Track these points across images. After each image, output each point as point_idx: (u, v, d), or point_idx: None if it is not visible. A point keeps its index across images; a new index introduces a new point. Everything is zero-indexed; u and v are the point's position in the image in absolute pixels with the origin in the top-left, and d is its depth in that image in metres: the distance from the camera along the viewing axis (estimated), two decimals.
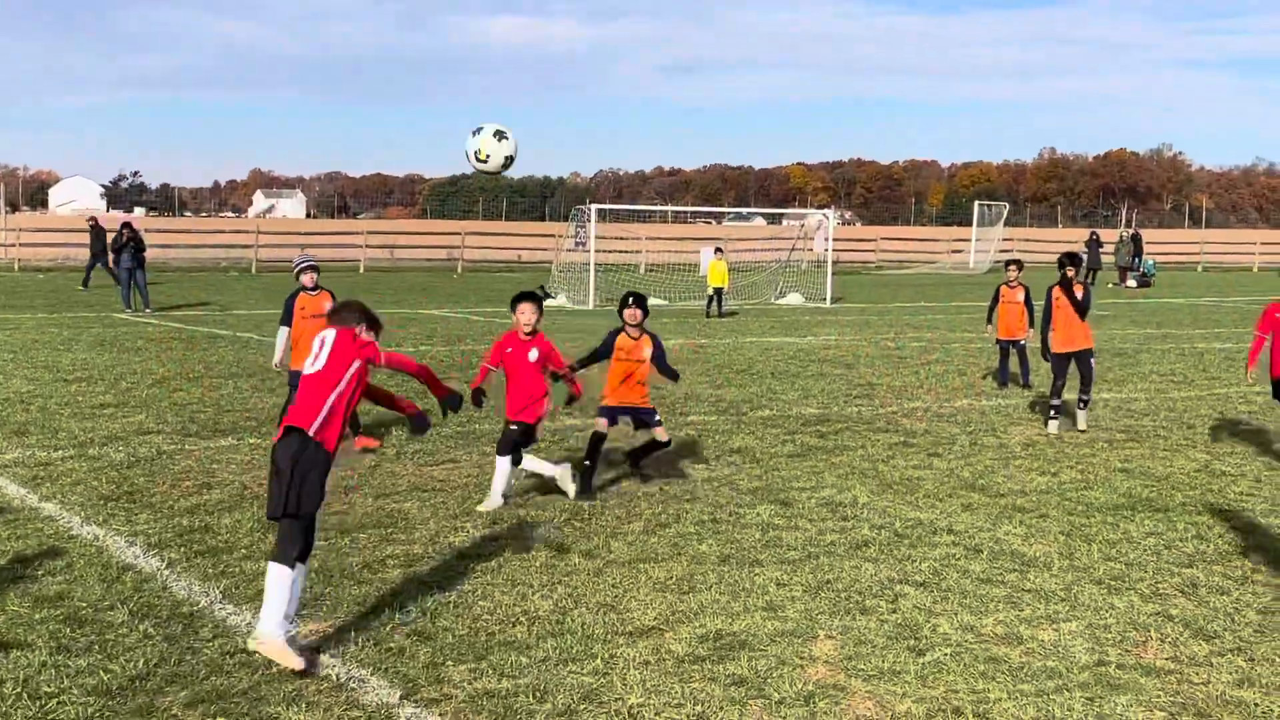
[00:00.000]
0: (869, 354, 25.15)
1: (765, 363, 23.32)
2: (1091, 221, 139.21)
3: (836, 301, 41.27)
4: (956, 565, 9.90)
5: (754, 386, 19.97)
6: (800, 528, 11.01)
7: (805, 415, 17.09)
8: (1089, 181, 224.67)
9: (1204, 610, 8.88)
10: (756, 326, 31.79)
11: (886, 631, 8.32)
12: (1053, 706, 7.07)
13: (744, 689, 7.27)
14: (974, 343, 27.30)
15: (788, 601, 8.93)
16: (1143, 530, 11.12)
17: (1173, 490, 12.73)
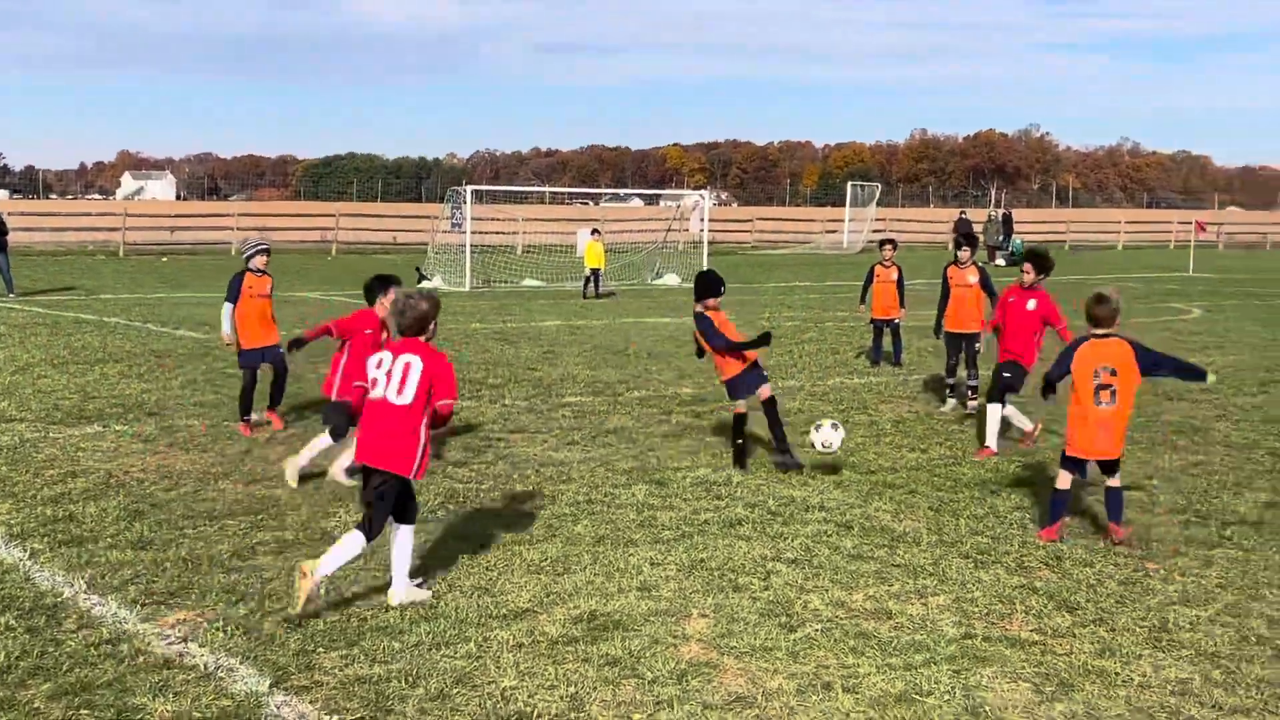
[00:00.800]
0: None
1: (642, 343, 23.37)
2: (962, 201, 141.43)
3: None
4: (828, 542, 10.02)
5: (630, 367, 20.01)
6: (675, 507, 11.07)
7: (681, 395, 17.16)
8: (959, 162, 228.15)
9: (1067, 582, 9.08)
10: (633, 307, 31.85)
11: (759, 608, 8.40)
12: (920, 679, 7.19)
13: (617, 669, 7.29)
14: (847, 322, 27.61)
15: (662, 581, 8.97)
16: (1009, 505, 11.34)
17: (1038, 465, 12.99)
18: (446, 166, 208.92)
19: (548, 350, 22.09)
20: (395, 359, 8.33)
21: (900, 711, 6.75)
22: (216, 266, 44.61)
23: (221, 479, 11.86)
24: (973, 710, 6.79)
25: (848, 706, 6.81)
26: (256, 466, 12.43)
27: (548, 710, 6.71)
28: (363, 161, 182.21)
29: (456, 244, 41.40)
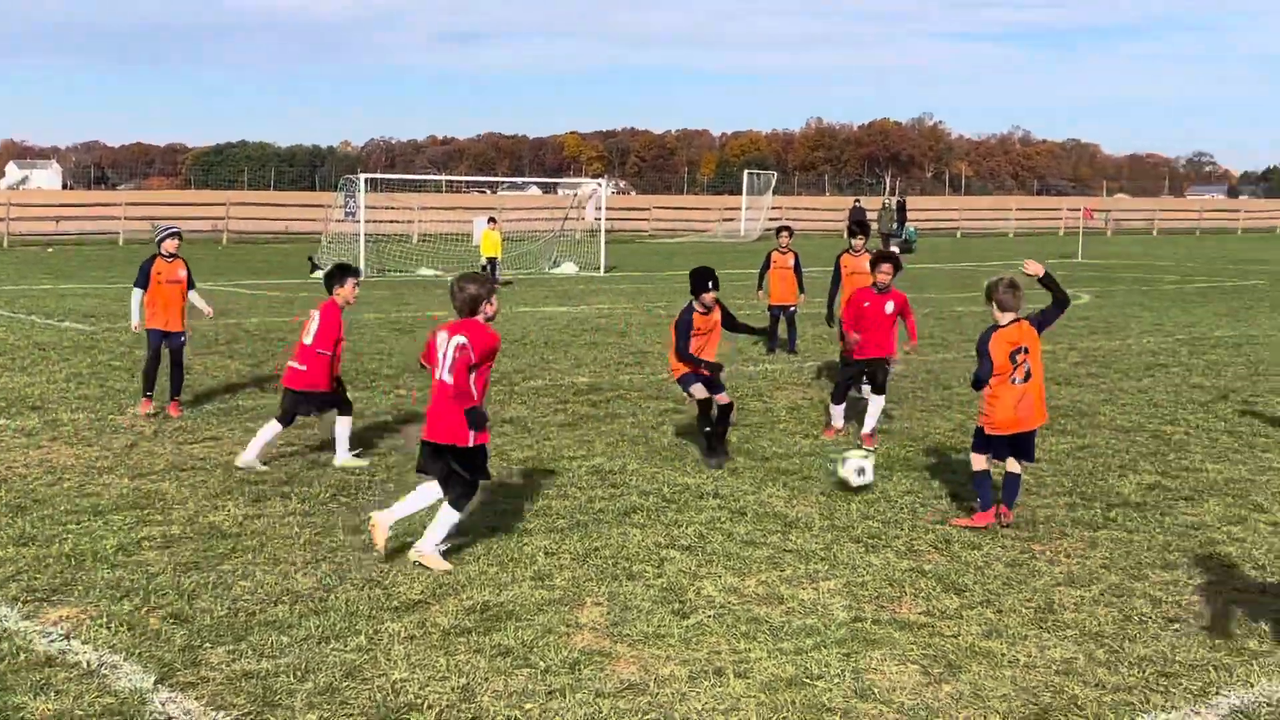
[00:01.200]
0: (642, 322, 25.38)
1: (539, 332, 23.33)
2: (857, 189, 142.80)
3: (610, 270, 41.50)
4: (721, 528, 10.08)
5: (527, 356, 19.96)
6: (570, 496, 11.06)
7: (577, 384, 17.16)
8: (855, 150, 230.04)
9: (956, 565, 9.21)
10: (530, 296, 31.77)
11: (652, 596, 8.43)
12: (811, 663, 7.26)
13: (510, 659, 7.28)
14: (744, 309, 27.71)
15: (555, 570, 8.97)
16: (900, 489, 11.46)
17: (930, 450, 13.16)
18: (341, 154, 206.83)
19: None
20: (448, 340, 9.20)
21: (790, 695, 6.81)
22: (103, 257, 43.83)
23: (106, 473, 11.65)
24: (861, 693, 6.87)
25: (739, 691, 6.86)
26: (142, 460, 12.22)
27: (439, 701, 6.68)
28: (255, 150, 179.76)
29: (350, 233, 41.04)
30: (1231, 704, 6.78)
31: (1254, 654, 7.50)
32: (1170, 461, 12.68)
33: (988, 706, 6.72)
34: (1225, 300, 31.70)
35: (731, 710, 6.62)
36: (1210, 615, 8.16)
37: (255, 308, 27.80)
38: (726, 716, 6.55)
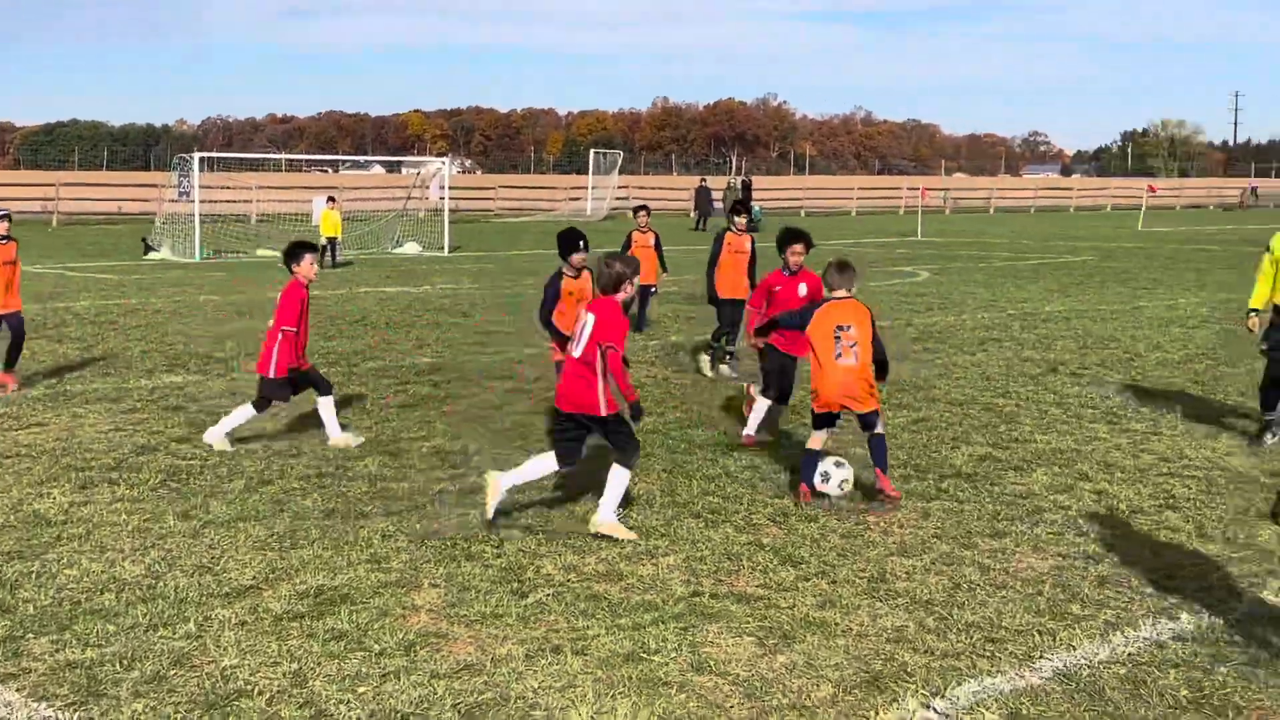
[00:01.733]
0: (486, 302, 25.28)
1: (380, 313, 23.11)
2: (704, 169, 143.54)
3: (455, 250, 41.26)
4: (564, 507, 10.08)
5: (367, 338, 19.76)
6: (410, 478, 10.98)
7: (419, 365, 17.03)
8: (700, 130, 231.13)
9: (793, 538, 9.34)
10: (372, 277, 31.45)
11: (491, 576, 8.40)
12: (648, 638, 7.30)
13: (344, 643, 7.20)
14: None
15: (393, 552, 8.89)
16: (740, 465, 11.58)
17: (769, 425, 13.29)
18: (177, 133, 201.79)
19: None
20: (585, 315, 9.68)
21: (627, 671, 6.85)
22: None
23: None
24: (697, 666, 6.93)
25: (576, 668, 6.88)
26: None
27: (269, 687, 6.59)
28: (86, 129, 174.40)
29: (185, 213, 40.16)
30: (1055, 666, 6.98)
31: (1076, 618, 7.73)
32: (1001, 433, 12.99)
33: (821, 675, 6.83)
34: (1056, 276, 32.56)
35: (568, 687, 6.64)
36: (1036, 581, 8.39)
37: (86, 290, 27.11)
38: (563, 693, 6.56)
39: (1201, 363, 17.76)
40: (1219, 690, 6.67)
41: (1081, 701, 6.53)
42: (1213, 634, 7.45)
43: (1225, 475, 11.31)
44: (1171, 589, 8.26)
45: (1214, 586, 8.32)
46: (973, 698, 6.57)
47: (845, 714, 6.37)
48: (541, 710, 6.37)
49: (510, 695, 6.54)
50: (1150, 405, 14.50)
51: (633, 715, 6.31)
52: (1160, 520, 9.87)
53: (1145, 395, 15.13)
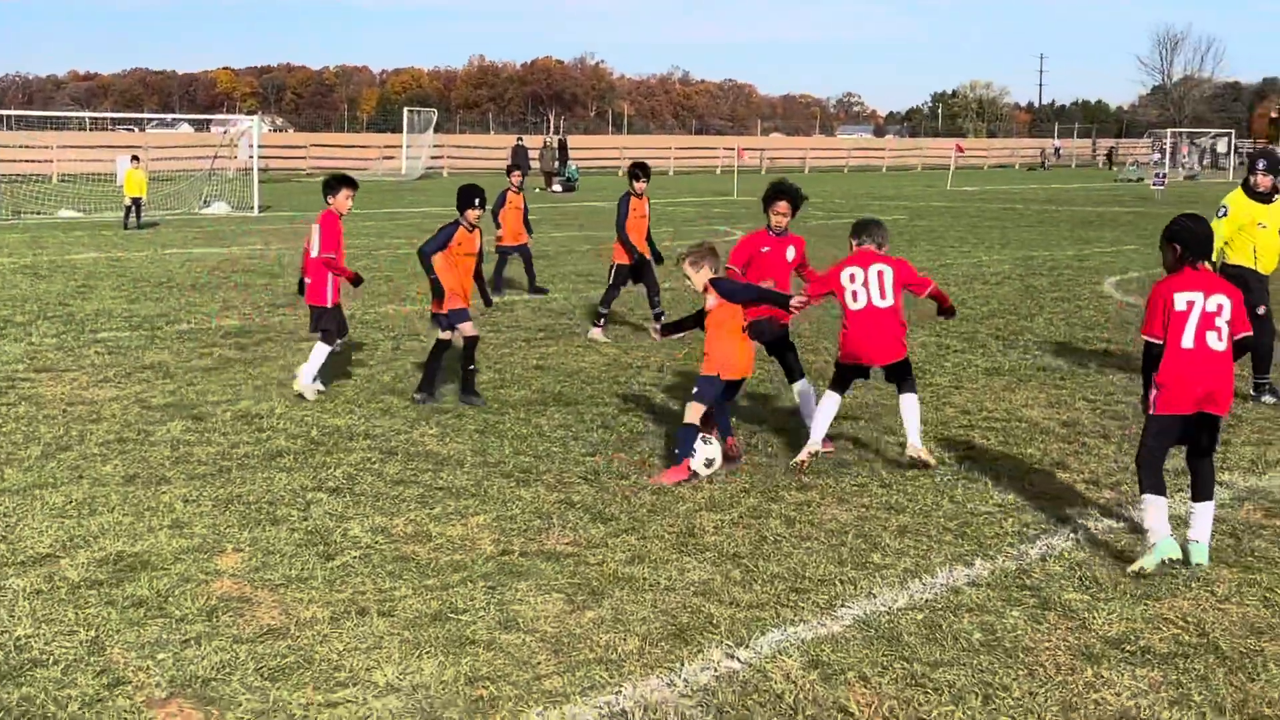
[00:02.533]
0: (295, 263, 24.78)
1: (186, 275, 22.57)
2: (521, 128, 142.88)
3: (265, 210, 40.44)
4: (371, 469, 10.00)
5: (172, 300, 19.29)
6: (213, 442, 10.77)
7: (225, 328, 16.68)
8: (518, 89, 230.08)
9: (603, 496, 9.40)
10: (178, 238, 30.67)
11: (296, 540, 8.30)
12: (456, 598, 7.30)
13: (143, 610, 7.05)
14: (401, 249, 27.49)
15: (195, 517, 8.73)
16: (553, 423, 11.61)
17: (583, 384, 13.36)
18: None
19: (82, 284, 21.01)
20: (866, 269, 10.15)
21: (435, 631, 6.84)
22: None
23: None
24: (505, 624, 6.95)
25: (382, 630, 6.84)
26: None
27: (65, 656, 6.43)
28: None
29: None
30: (855, 614, 7.16)
31: (877, 567, 7.94)
32: None
33: (628, 629, 6.90)
34: None
35: (374, 648, 6.61)
36: (839, 532, 8.58)
37: None
38: (368, 654, 6.53)
39: (1004, 317, 18.29)
40: (1010, 633, 6.92)
41: (880, 647, 6.71)
42: (1006, 580, 7.72)
43: (1022, 426, 11.69)
44: (968, 537, 8.52)
45: (1008, 534, 8.61)
46: (775, 646, 6.70)
47: (651, 666, 6.45)
48: (346, 671, 6.33)
49: (315, 658, 6.48)
50: (953, 360, 14.90)
51: (439, 674, 6.31)
52: (960, 471, 10.17)
53: (948, 350, 15.53)
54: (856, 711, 5.98)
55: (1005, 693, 6.19)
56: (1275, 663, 6.55)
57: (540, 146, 61.09)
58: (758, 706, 6.03)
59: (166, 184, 43.51)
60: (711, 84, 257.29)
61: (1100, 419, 12.00)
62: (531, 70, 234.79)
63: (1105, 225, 37.21)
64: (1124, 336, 16.51)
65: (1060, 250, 29.14)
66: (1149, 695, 6.20)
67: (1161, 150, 79.53)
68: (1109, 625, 7.03)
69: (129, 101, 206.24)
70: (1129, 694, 6.21)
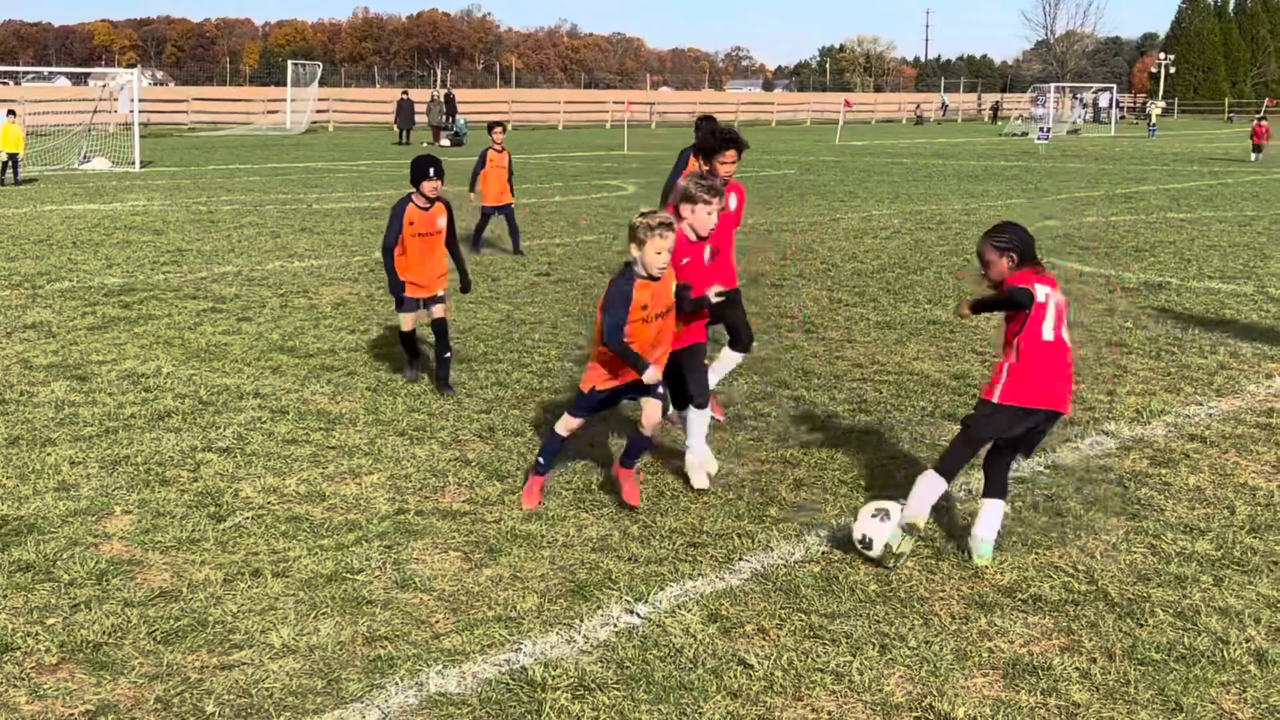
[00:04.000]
0: (179, 219, 24.38)
1: (66, 232, 22.04)
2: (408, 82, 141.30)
3: (146, 165, 39.63)
4: (262, 429, 9.86)
5: (53, 258, 18.84)
6: (99, 402, 10.56)
7: (108, 285, 16.34)
8: (404, 41, 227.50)
9: (499, 453, 9.36)
10: (57, 194, 29.94)
11: (187, 501, 8.17)
12: (351, 558, 7.23)
13: (30, 574, 6.90)
14: (289, 205, 27.11)
15: (82, 480, 8.56)
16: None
17: (477, 341, 13.27)
18: None
19: None
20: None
21: (330, 591, 6.77)
22: None
23: None
24: (402, 583, 6.90)
25: (276, 590, 6.76)
26: None
27: None
28: None
29: None
30: (753, 567, 7.21)
31: (774, 520, 7.99)
32: None
33: (526, 587, 6.89)
34: (759, 190, 33.25)
35: (269, 610, 6.53)
36: (736, 487, 8.63)
37: None
38: (263, 616, 6.45)
39: (894, 271, 18.47)
40: (905, 583, 7.01)
41: (778, 600, 6.76)
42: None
43: (914, 379, 11.83)
44: (862, 489, 8.61)
45: (901, 484, 8.70)
46: (674, 600, 6.73)
47: (550, 623, 6.45)
48: (241, 633, 6.25)
49: (209, 620, 6.39)
50: (845, 313, 15.02)
51: (335, 635, 6.25)
52: (854, 424, 10.26)
53: (840, 304, 15.66)
54: (755, 664, 6.02)
55: (901, 642, 6.28)
56: (1162, 608, 6.71)
57: (428, 101, 60.44)
58: (657, 661, 6.05)
59: (44, 139, 42.47)
60: (600, 37, 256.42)
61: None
62: (417, 22, 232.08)
63: (991, 179, 37.70)
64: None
65: (948, 205, 29.48)
66: (1041, 642, 6.32)
67: (1044, 104, 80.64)
68: (1000, 574, 7.15)
69: (3, 54, 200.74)
70: (1021, 641, 6.32)
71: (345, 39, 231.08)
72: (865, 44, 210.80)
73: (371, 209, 26.02)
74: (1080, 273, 18.31)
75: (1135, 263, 19.55)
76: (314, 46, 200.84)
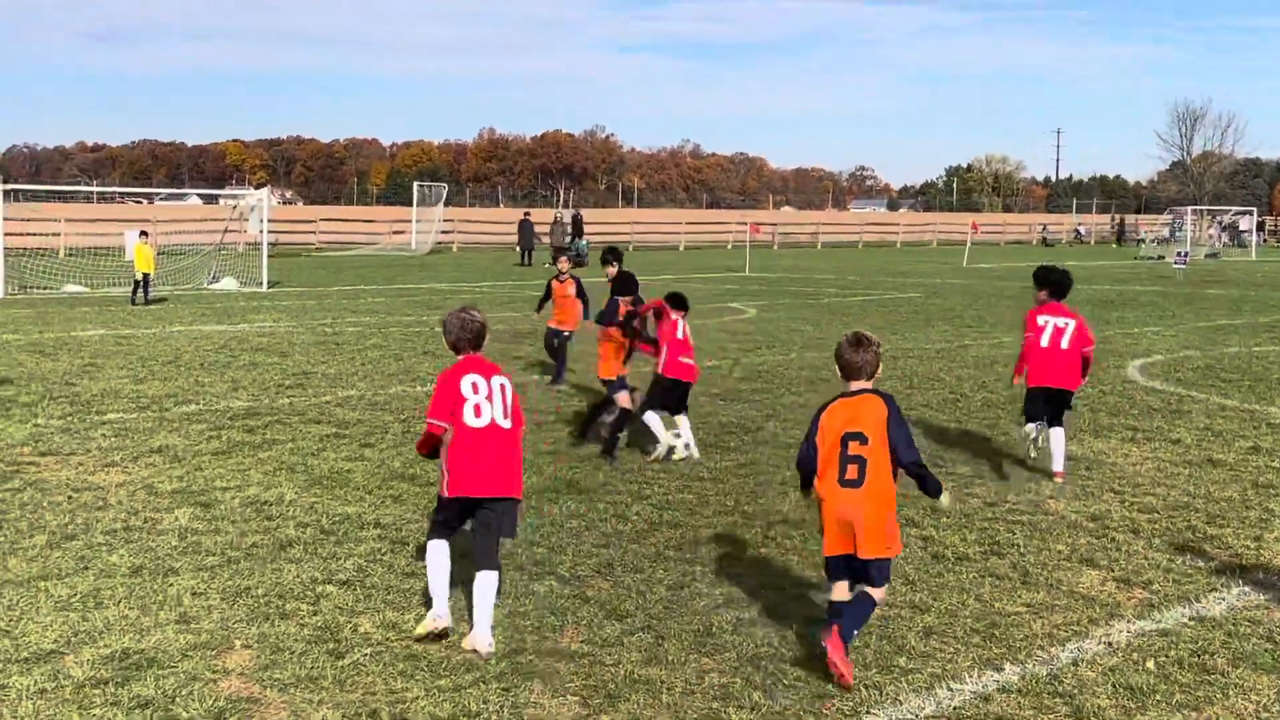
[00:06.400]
0: (305, 341, 24.86)
1: (194, 353, 22.57)
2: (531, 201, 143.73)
3: (273, 286, 40.57)
4: (382, 560, 9.92)
5: (180, 379, 19.28)
6: (222, 531, 10.71)
7: (234, 409, 16.65)
8: (527, 162, 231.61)
9: (618, 590, 9.30)
10: (186, 314, 30.74)
11: (306, 636, 8.22)
12: (469, 700, 7.20)
13: (149, 711, 6.97)
14: (413, 326, 27.54)
15: (203, 612, 8.65)
16: (565, 512, 11.53)
17: (595, 470, 13.28)
18: None
19: (89, 363, 21.02)
20: (488, 381, 8.31)
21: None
22: None
23: None
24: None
25: None
26: None
27: None
28: None
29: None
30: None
31: (903, 671, 7.82)
32: None
33: None
34: (883, 313, 33.20)
35: None
36: (863, 633, 8.47)
37: None
38: None
39: None
40: None
41: None
42: (1037, 686, 7.60)
43: (1048, 519, 11.59)
44: (996, 639, 8.41)
45: (1037, 636, 8.50)
46: None
47: None
48: None
49: None
50: (975, 448, 14.81)
51: None
52: (986, 567, 10.06)
53: (970, 438, 15.46)
54: None
55: None
56: None
57: (551, 221, 61.29)
58: None
59: (175, 258, 43.72)
60: (722, 157, 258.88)
61: (1129, 511, 11.89)
62: (541, 143, 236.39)
63: (1126, 305, 37.19)
64: (1149, 424, 16.43)
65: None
66: None
67: (1179, 226, 79.60)
68: None
69: (137, 173, 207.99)
70: None
71: (470, 159, 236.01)
72: (994, 163, 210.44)
73: (494, 331, 26.29)
74: (1222, 407, 17.91)
75: None
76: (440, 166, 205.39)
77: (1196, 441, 15.28)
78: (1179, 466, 13.88)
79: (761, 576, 9.70)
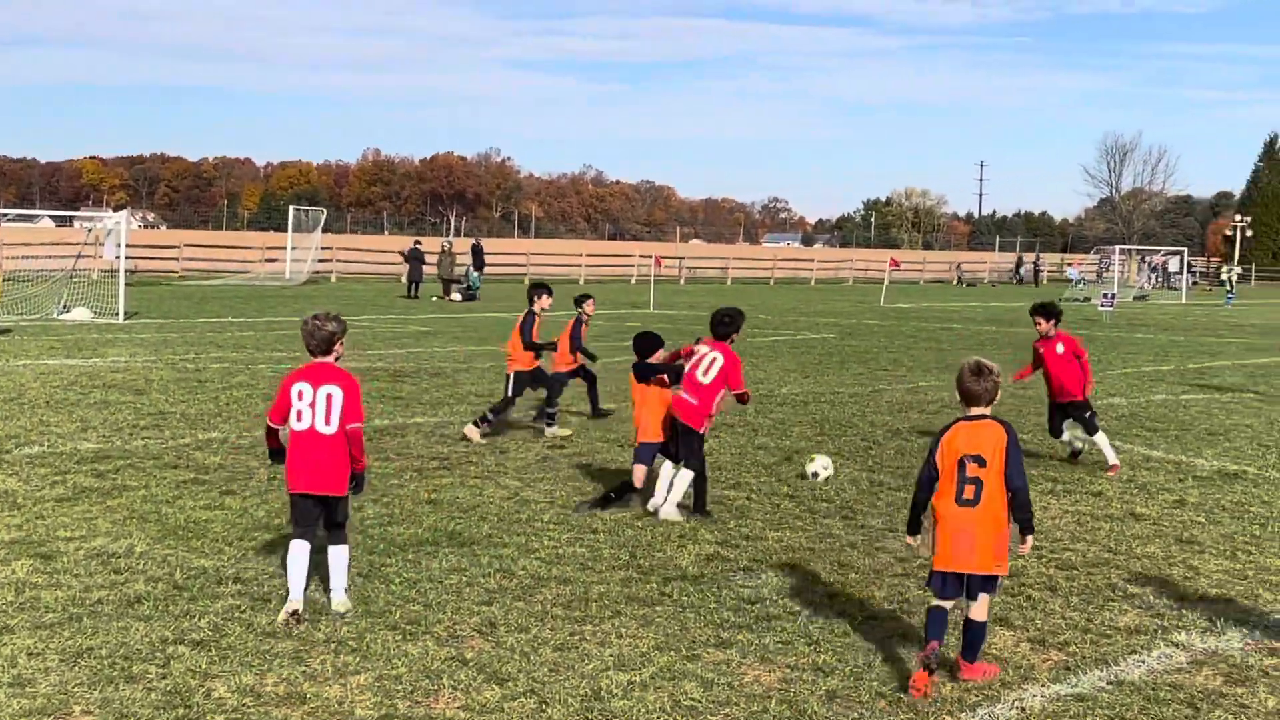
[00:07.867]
0: (163, 378, 24.55)
1: (39, 390, 22.21)
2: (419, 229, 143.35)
3: (131, 317, 40.03)
4: (240, 619, 9.81)
5: (23, 419, 18.96)
6: (63, 585, 10.54)
7: (82, 451, 16.41)
8: (415, 186, 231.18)
9: (500, 651, 9.28)
10: (33, 347, 30.24)
11: (154, 701, 8.11)
12: None
13: None
14: (284, 363, 27.31)
15: (40, 674, 8.51)
16: (445, 566, 11.48)
17: (480, 521, 13.24)
18: None
19: None
20: (315, 389, 9.92)
21: None
22: None
23: None
24: None
25: None
26: None
27: None
28: None
29: None
30: None
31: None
32: (731, 529, 13.22)
33: None
34: (795, 355, 33.46)
35: None
36: (762, 698, 8.51)
37: None
38: None
39: None
40: None
41: None
42: None
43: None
44: (903, 704, 8.49)
45: (947, 701, 8.59)
46: None
47: None
48: None
49: None
50: (887, 498, 14.97)
51: None
52: (894, 627, 10.15)
53: (882, 488, 15.61)
54: None
55: None
56: None
57: (439, 251, 61.03)
58: None
59: (22, 286, 43.06)
60: (627, 185, 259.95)
61: (1046, 568, 12.07)
62: (431, 166, 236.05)
63: None
64: (1070, 475, 16.70)
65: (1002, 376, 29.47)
66: None
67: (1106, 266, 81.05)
68: None
69: None
70: None
71: (353, 182, 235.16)
72: (914, 197, 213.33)
73: (373, 369, 26.17)
74: (1147, 458, 18.25)
75: (1209, 448, 19.48)
76: (319, 189, 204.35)
77: (1119, 494, 15.57)
78: (1100, 520, 14.13)
79: (656, 636, 9.71)
